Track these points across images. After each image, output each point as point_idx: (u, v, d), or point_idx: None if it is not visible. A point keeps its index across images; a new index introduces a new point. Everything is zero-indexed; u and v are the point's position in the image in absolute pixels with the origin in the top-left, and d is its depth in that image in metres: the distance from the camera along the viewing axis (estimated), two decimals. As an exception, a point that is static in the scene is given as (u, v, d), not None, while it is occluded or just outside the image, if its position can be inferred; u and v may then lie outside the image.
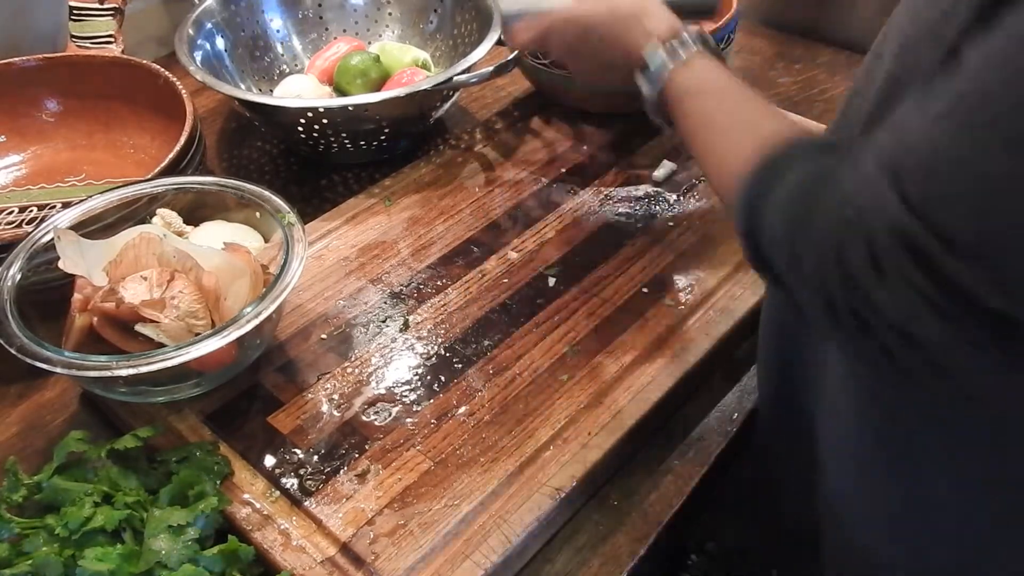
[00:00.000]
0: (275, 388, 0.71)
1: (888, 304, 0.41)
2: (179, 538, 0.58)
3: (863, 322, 0.43)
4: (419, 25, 1.10)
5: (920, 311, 0.40)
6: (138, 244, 0.68)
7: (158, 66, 0.93)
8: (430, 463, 0.65)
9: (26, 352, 0.62)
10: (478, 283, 0.80)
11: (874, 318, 0.42)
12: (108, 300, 0.65)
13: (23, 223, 0.88)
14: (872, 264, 0.41)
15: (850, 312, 0.43)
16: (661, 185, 0.91)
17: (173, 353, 0.62)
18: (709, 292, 0.78)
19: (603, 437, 0.66)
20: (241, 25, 1.05)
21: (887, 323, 0.42)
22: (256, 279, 0.69)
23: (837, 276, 0.43)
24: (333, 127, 0.91)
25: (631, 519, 0.66)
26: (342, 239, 0.85)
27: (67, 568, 0.56)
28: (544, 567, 0.63)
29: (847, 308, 0.43)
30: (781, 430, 0.74)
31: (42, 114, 0.97)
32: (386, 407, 0.69)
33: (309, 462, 0.65)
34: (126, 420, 0.69)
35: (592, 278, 0.80)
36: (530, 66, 0.99)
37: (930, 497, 0.57)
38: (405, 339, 0.75)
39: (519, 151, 0.97)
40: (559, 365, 0.72)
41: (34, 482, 0.61)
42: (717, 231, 0.84)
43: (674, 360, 0.72)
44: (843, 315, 0.43)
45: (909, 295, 0.40)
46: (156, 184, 0.76)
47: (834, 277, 0.43)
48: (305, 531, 0.61)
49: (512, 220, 0.87)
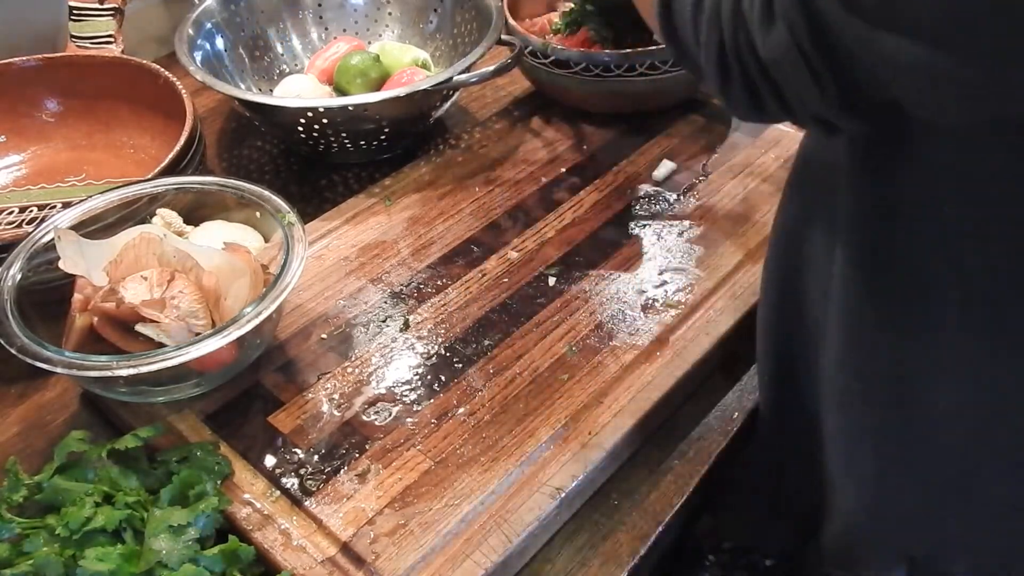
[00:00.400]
0: (275, 388, 0.71)
1: (767, 46, 0.44)
2: (179, 538, 0.58)
3: (743, 66, 0.46)
4: (419, 25, 1.10)
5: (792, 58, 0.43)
6: (138, 244, 0.68)
7: (158, 66, 0.93)
8: (430, 463, 0.65)
9: (26, 352, 0.62)
10: (478, 283, 0.80)
11: (753, 59, 0.45)
12: (108, 300, 0.66)
13: (23, 223, 0.88)
14: (764, 3, 0.43)
15: (735, 53, 0.46)
16: (661, 185, 0.91)
17: (173, 353, 0.62)
18: (709, 292, 0.78)
19: (603, 436, 0.66)
20: (241, 25, 1.05)
21: (764, 68, 0.45)
22: (256, 279, 0.69)
23: (729, 14, 0.46)
24: (333, 127, 0.91)
25: (631, 518, 0.66)
26: (342, 239, 0.85)
27: (68, 568, 0.56)
28: (544, 567, 0.63)
29: (733, 48, 0.46)
30: (784, 428, 0.74)
31: (42, 114, 0.97)
32: (386, 407, 0.69)
33: (309, 462, 0.65)
34: (126, 420, 0.69)
35: (592, 278, 0.80)
36: (530, 66, 0.99)
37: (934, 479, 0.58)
38: (405, 339, 0.75)
39: (519, 151, 0.97)
40: (559, 364, 0.72)
41: (35, 482, 0.61)
42: (717, 231, 0.84)
43: (674, 360, 0.72)
44: (731, 56, 0.47)
45: (787, 40, 0.42)
46: (156, 184, 0.76)
47: (727, 15, 0.46)
48: (305, 531, 0.61)
49: (512, 220, 0.87)
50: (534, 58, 0.97)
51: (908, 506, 0.63)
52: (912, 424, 0.58)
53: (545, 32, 1.02)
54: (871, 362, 0.57)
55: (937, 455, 0.58)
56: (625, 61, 0.93)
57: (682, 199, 0.89)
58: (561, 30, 1.00)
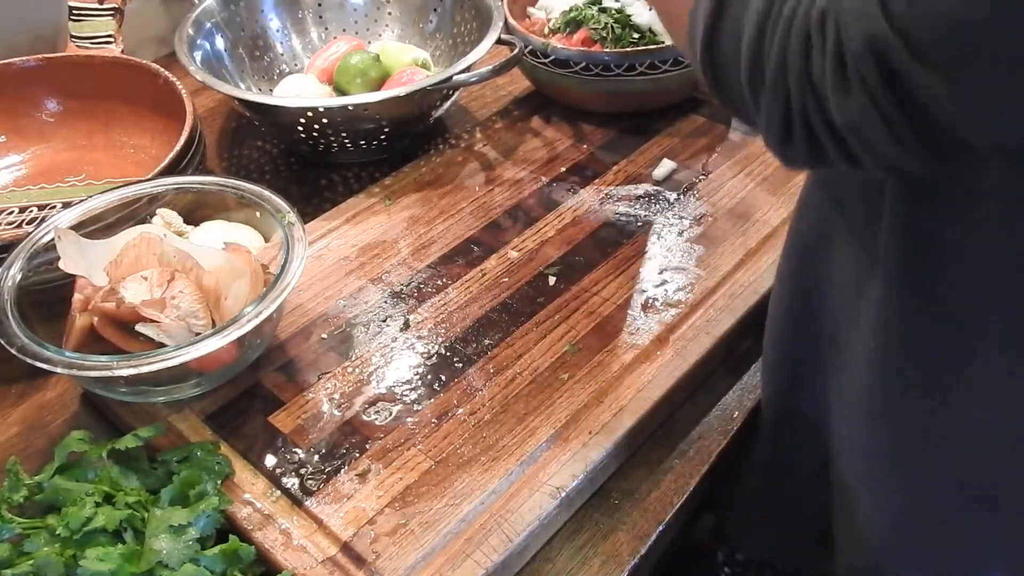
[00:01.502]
0: (276, 388, 0.71)
1: (842, 110, 0.41)
2: (180, 538, 0.58)
3: (810, 129, 0.43)
4: (419, 24, 1.10)
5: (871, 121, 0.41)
6: (138, 244, 0.68)
7: (158, 66, 0.93)
8: (431, 462, 0.65)
9: (27, 352, 0.62)
10: (478, 282, 0.80)
11: (824, 123, 0.43)
12: (108, 300, 0.66)
13: (23, 223, 0.88)
14: (837, 69, 0.41)
15: (802, 117, 0.43)
16: (661, 184, 0.91)
17: (173, 353, 0.62)
18: (709, 291, 0.78)
19: (604, 436, 0.66)
20: (241, 25, 1.05)
21: (835, 130, 0.42)
22: (256, 279, 0.69)
23: (798, 78, 0.43)
24: (333, 127, 0.91)
25: (632, 518, 0.66)
26: (342, 239, 0.85)
27: (68, 568, 0.56)
28: (545, 566, 0.63)
29: (800, 112, 0.43)
30: (789, 435, 0.74)
31: (42, 114, 0.97)
32: (387, 406, 0.69)
33: (310, 462, 0.65)
34: (127, 420, 0.69)
35: (592, 277, 0.80)
36: (530, 65, 0.99)
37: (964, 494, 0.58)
38: (405, 338, 0.75)
39: (519, 150, 0.97)
40: (560, 364, 0.72)
41: (35, 482, 0.61)
42: (717, 230, 0.84)
43: (675, 359, 0.72)
44: (796, 120, 0.44)
45: (866, 104, 0.40)
46: (156, 184, 0.76)
47: (795, 79, 0.43)
48: (306, 531, 0.61)
49: (512, 219, 0.87)
50: (534, 58, 0.97)
51: (937, 520, 0.62)
52: (943, 441, 0.57)
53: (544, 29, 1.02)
54: (904, 385, 0.57)
55: (968, 470, 0.58)
56: (625, 60, 0.93)
57: (682, 198, 0.89)
58: (561, 29, 1.00)
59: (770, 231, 0.84)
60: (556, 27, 1.01)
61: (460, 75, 0.90)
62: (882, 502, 0.64)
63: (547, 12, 1.04)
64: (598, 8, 0.99)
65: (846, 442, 0.65)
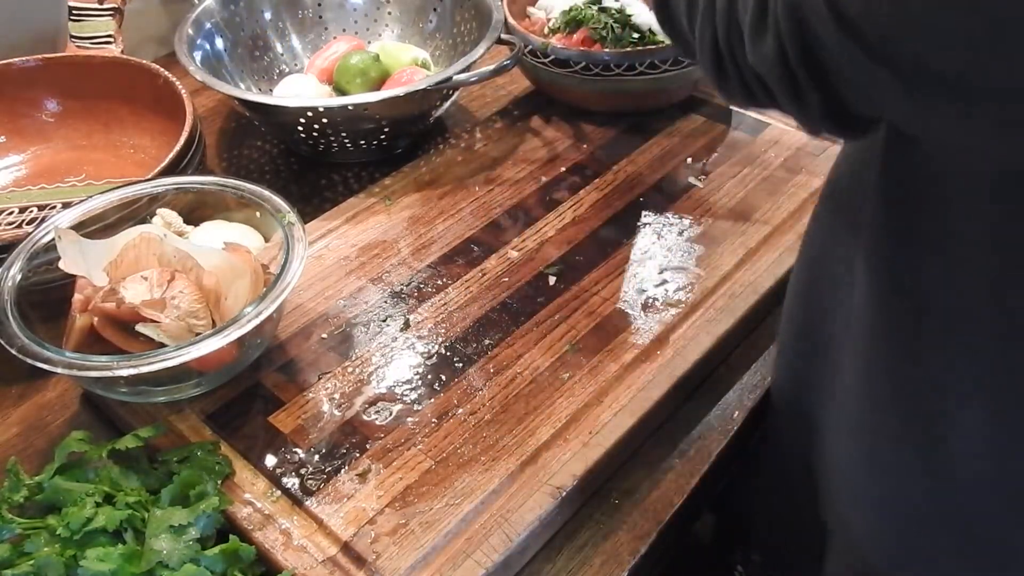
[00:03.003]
0: (276, 388, 0.71)
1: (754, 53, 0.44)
2: (180, 538, 0.58)
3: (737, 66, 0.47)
4: (418, 24, 1.10)
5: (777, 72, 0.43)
6: (138, 244, 0.68)
7: (158, 66, 0.93)
8: (431, 462, 0.65)
9: (27, 352, 0.62)
10: (478, 282, 0.80)
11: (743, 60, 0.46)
12: (109, 300, 0.66)
13: (23, 223, 0.88)
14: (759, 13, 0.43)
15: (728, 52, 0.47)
16: (661, 184, 0.91)
17: (174, 353, 0.62)
18: (709, 291, 0.78)
19: (604, 435, 0.66)
20: (241, 25, 1.05)
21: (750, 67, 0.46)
22: (256, 279, 0.69)
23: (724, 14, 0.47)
24: (333, 127, 0.91)
25: (632, 518, 0.66)
26: (342, 238, 0.85)
27: (68, 568, 0.56)
28: (545, 566, 0.63)
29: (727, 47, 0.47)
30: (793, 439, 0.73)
31: (42, 114, 0.97)
32: (387, 406, 0.69)
33: (310, 461, 0.65)
34: (127, 420, 0.69)
35: (592, 277, 0.80)
36: (530, 65, 0.99)
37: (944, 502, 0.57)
38: (406, 338, 0.75)
39: (519, 150, 0.97)
40: (560, 364, 0.72)
41: (35, 482, 0.61)
42: (717, 230, 0.84)
43: (674, 359, 0.72)
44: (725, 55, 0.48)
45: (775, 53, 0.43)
46: (156, 184, 0.76)
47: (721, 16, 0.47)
48: (306, 531, 0.61)
49: (512, 219, 0.87)
50: (534, 57, 0.97)
51: (928, 543, 0.60)
52: (931, 457, 0.55)
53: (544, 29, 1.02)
54: (890, 393, 0.56)
55: (958, 491, 0.55)
56: (625, 60, 0.93)
57: (682, 198, 0.89)
58: (561, 29, 1.00)
59: (770, 231, 0.84)
60: (556, 27, 1.01)
61: (460, 75, 0.90)
62: (866, 521, 0.63)
63: (547, 12, 1.04)
64: (598, 8, 0.99)
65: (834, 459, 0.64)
